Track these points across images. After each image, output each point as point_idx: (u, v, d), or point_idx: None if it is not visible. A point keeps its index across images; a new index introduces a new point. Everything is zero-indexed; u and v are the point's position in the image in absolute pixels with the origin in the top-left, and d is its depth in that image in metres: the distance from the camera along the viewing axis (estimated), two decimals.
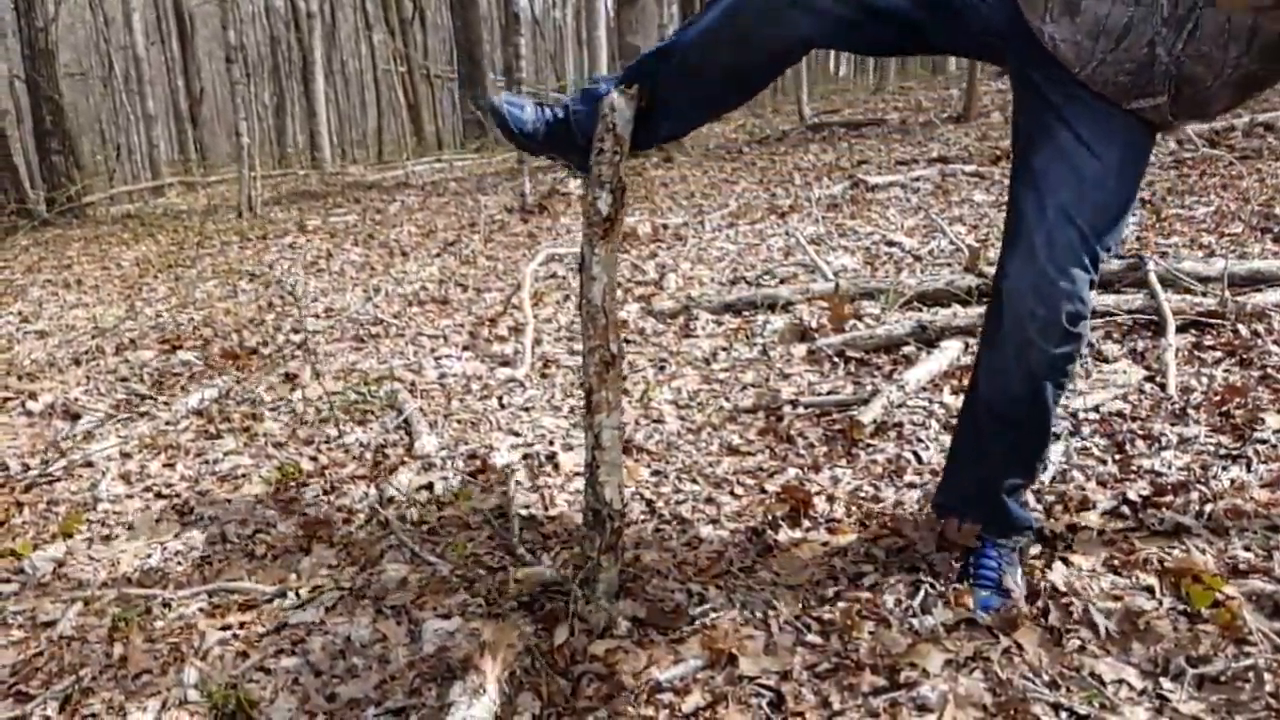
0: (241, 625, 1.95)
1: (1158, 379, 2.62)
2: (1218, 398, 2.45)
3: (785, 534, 2.09)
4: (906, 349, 3.12)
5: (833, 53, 33.67)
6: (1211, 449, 2.22)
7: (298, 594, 2.05)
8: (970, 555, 1.82)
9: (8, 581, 2.24)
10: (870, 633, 1.68)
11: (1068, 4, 1.43)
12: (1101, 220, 1.54)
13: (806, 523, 2.13)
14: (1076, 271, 1.54)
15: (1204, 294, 3.07)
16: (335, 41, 25.97)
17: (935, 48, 1.74)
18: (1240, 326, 2.85)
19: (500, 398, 3.17)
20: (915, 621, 1.70)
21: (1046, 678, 1.53)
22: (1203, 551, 1.80)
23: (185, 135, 19.22)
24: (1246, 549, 1.81)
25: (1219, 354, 2.74)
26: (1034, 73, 1.57)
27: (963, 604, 1.72)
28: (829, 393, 2.90)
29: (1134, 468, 2.19)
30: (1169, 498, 2.01)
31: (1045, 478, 2.14)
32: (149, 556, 2.32)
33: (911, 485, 2.26)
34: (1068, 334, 1.57)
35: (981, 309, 3.16)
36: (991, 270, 3.48)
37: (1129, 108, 1.48)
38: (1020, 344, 1.59)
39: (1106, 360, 2.81)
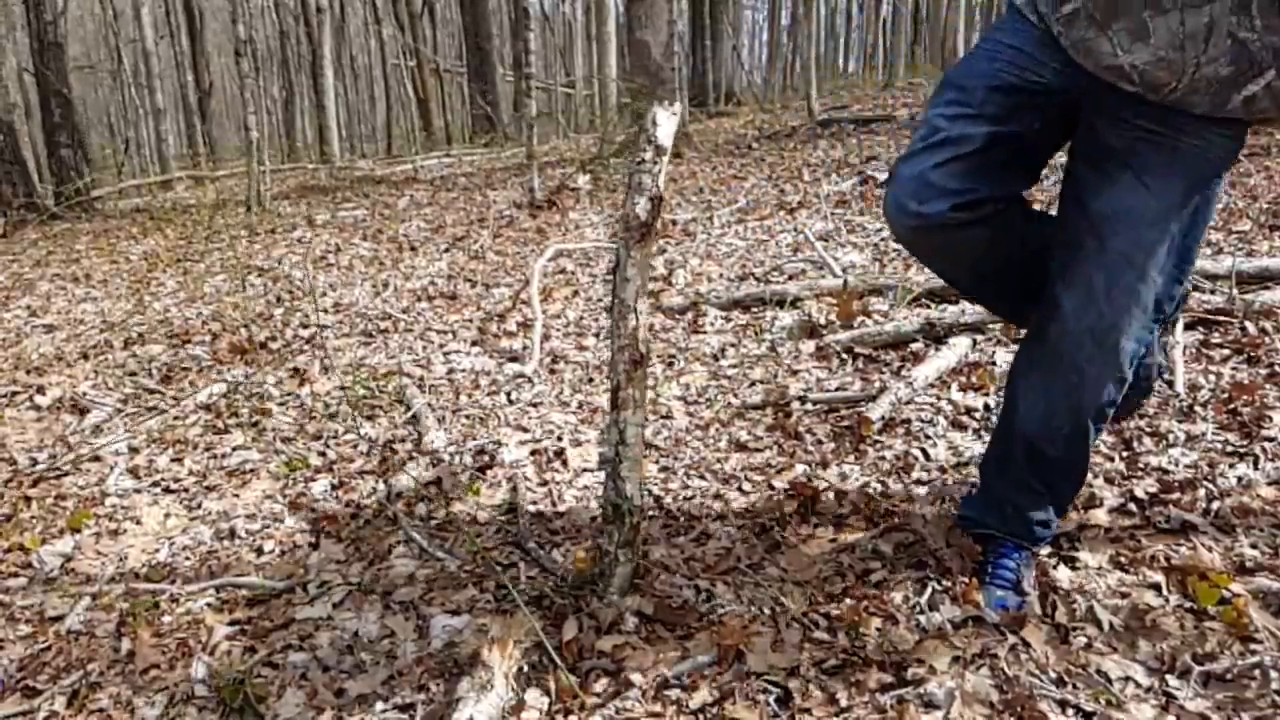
0: (249, 620, 1.96)
1: (1165, 376, 2.61)
2: (1225, 395, 2.44)
3: (793, 530, 2.09)
4: (915, 345, 3.12)
5: (841, 46, 33.57)
6: (1219, 446, 2.22)
7: (306, 589, 2.06)
8: (988, 553, 1.82)
9: (16, 576, 2.25)
10: (878, 629, 1.68)
11: (1134, 31, 1.38)
12: (1161, 261, 1.52)
13: (814, 519, 2.13)
14: (1136, 313, 1.53)
15: (1212, 291, 3.06)
16: (345, 36, 26.01)
17: (1050, 137, 1.64)
18: (1248, 324, 2.84)
19: (508, 393, 3.18)
20: (923, 618, 1.71)
21: (1053, 675, 1.53)
22: (1210, 549, 1.80)
23: (194, 129, 19.23)
24: (1253, 546, 1.80)
25: (1227, 351, 2.73)
26: (1097, 120, 1.53)
27: (971, 601, 1.72)
28: (837, 389, 2.90)
29: (1141, 465, 2.18)
30: (1176, 495, 2.01)
31: None
32: (157, 551, 2.33)
33: (919, 482, 2.26)
34: (1121, 380, 1.57)
35: None
36: None
37: (1231, 107, 1.41)
38: (1072, 384, 1.58)
39: None
